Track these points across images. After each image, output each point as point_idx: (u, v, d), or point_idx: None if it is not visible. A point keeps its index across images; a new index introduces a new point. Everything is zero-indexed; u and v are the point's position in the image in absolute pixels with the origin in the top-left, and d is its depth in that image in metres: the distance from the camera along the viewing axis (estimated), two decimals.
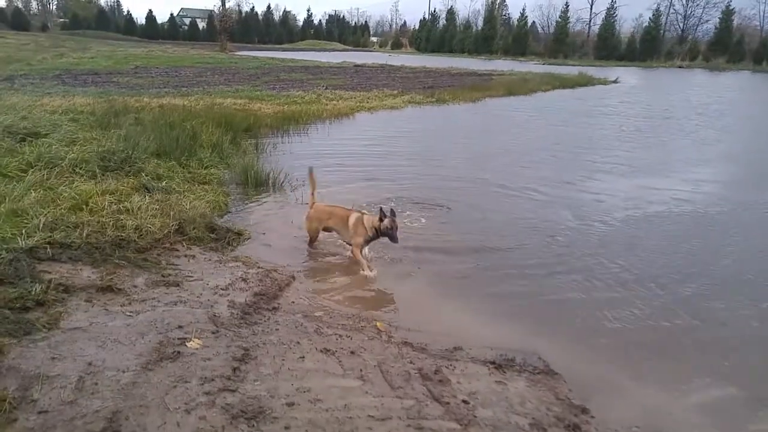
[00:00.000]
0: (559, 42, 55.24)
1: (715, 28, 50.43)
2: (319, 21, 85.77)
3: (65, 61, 20.53)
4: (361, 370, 2.35)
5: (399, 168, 6.81)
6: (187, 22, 72.71)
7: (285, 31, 77.62)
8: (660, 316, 3.15)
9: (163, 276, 3.10)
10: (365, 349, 2.55)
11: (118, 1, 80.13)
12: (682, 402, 2.42)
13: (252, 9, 77.07)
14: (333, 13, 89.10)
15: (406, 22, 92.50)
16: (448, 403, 2.17)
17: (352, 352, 2.50)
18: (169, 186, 4.72)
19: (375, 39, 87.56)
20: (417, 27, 75.54)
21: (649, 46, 51.01)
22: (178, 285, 3.02)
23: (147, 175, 4.83)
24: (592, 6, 62.81)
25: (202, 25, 69.70)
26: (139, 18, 71.17)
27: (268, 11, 78.00)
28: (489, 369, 2.49)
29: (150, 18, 69.17)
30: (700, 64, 46.52)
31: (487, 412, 2.13)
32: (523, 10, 59.27)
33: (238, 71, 20.33)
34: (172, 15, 72.46)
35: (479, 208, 5.19)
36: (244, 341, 2.48)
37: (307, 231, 3.93)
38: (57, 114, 7.17)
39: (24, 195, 3.84)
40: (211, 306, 2.81)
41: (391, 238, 3.46)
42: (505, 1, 68.75)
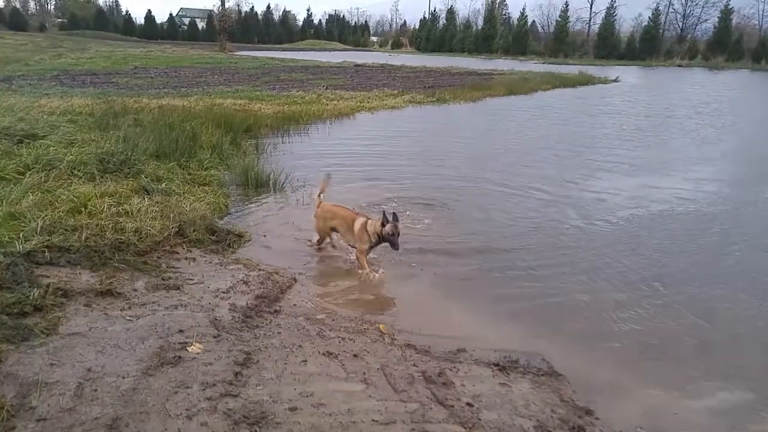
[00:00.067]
0: (559, 41, 55.23)
1: (714, 27, 50.51)
2: (319, 21, 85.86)
3: (63, 62, 20.51)
4: (364, 374, 2.33)
5: (400, 168, 6.79)
6: (186, 22, 72.65)
7: (285, 30, 77.58)
8: (665, 316, 3.14)
9: (164, 279, 3.07)
10: (368, 352, 2.53)
11: (116, 1, 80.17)
12: (687, 403, 2.41)
13: (251, 9, 77.08)
14: (333, 12, 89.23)
15: (406, 22, 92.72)
16: (452, 406, 2.16)
17: (355, 355, 2.48)
18: (169, 188, 4.69)
19: (375, 39, 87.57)
20: (417, 26, 75.58)
21: (648, 45, 51.05)
22: (179, 288, 2.99)
23: (146, 177, 4.80)
24: (591, 5, 62.92)
25: (201, 25, 69.65)
26: (138, 18, 71.21)
27: (268, 11, 77.99)
28: (493, 371, 2.48)
29: (149, 18, 69.06)
30: (699, 63, 46.57)
31: (491, 415, 2.12)
32: (523, 10, 59.32)
33: (237, 71, 20.30)
34: (171, 15, 72.42)
35: (482, 208, 5.17)
36: (246, 345, 2.45)
37: (316, 231, 3.90)
38: (55, 115, 7.13)
39: (21, 198, 3.80)
40: (212, 309, 2.79)
41: (391, 244, 3.38)
42: (505, 0, 68.80)
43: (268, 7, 78.58)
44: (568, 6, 55.87)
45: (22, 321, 2.40)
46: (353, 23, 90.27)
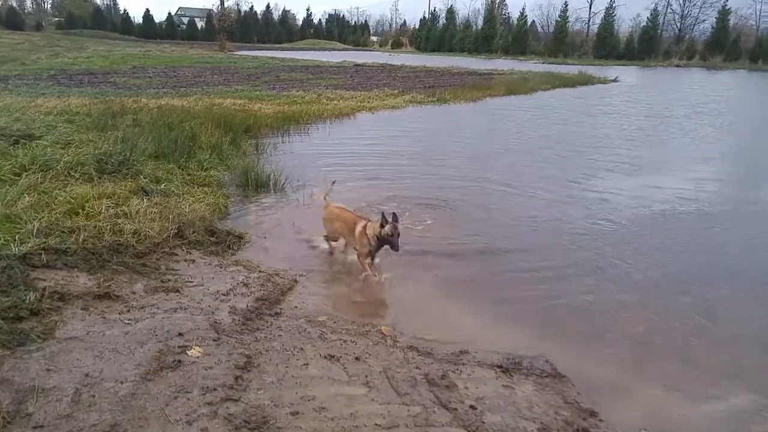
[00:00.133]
0: (558, 41, 55.32)
1: (712, 28, 50.70)
2: (319, 20, 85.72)
3: (60, 61, 20.41)
4: (366, 377, 2.31)
5: (401, 167, 6.77)
6: (185, 21, 72.49)
7: (284, 30, 77.43)
8: (668, 317, 3.13)
9: (163, 282, 3.04)
10: (370, 355, 2.50)
11: None
12: (691, 404, 2.39)
13: (251, 8, 76.88)
14: (333, 12, 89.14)
15: (406, 21, 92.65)
16: (455, 409, 2.14)
17: (357, 358, 2.45)
18: (168, 189, 4.65)
19: (375, 38, 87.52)
20: (417, 26, 75.58)
21: (647, 46, 51.19)
22: (178, 291, 2.96)
23: (145, 178, 4.76)
24: (591, 5, 63.01)
25: (200, 24, 69.48)
26: (136, 17, 70.69)
27: (268, 10, 77.82)
28: (496, 373, 2.46)
29: (147, 17, 68.82)
30: (697, 63, 46.69)
31: (495, 418, 2.11)
32: (522, 10, 59.36)
33: (237, 71, 20.25)
34: (169, 14, 72.21)
35: (484, 208, 5.16)
36: (247, 348, 2.42)
37: (327, 232, 3.88)
38: (52, 115, 7.07)
39: (17, 199, 3.75)
40: (212, 312, 2.76)
41: (391, 245, 3.28)
42: (504, 0, 68.84)
43: (268, 6, 78.48)
44: (567, 6, 56.02)
45: (18, 325, 2.37)
46: (353, 23, 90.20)
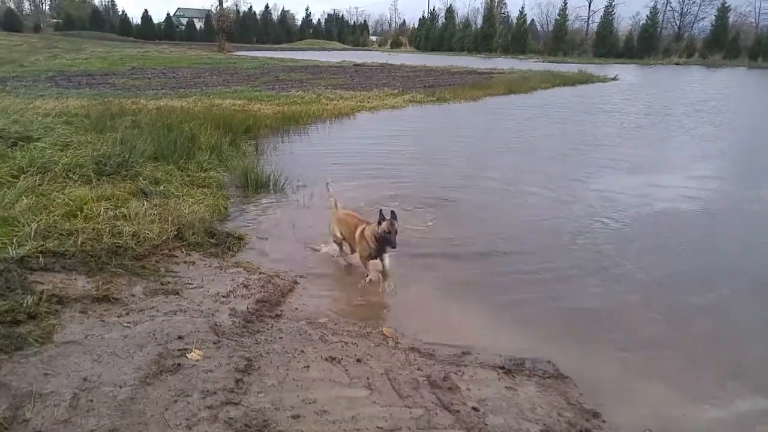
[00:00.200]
0: (558, 40, 55.29)
1: (711, 26, 50.69)
2: (318, 20, 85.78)
3: (59, 63, 20.41)
4: (368, 379, 2.29)
5: (401, 167, 6.75)
6: (183, 22, 72.48)
7: (283, 30, 77.42)
8: (673, 317, 3.10)
9: (162, 284, 3.02)
10: (372, 357, 2.48)
11: (112, 1, 79.91)
12: (695, 404, 2.37)
13: (250, 9, 76.88)
14: (332, 12, 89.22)
15: (405, 21, 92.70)
16: (458, 411, 2.12)
17: (359, 360, 2.43)
18: (167, 190, 4.63)
19: (374, 38, 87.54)
20: (416, 25, 75.53)
21: (646, 44, 51.17)
22: (178, 293, 2.94)
23: (144, 180, 4.73)
24: (590, 4, 62.97)
25: (199, 25, 69.46)
26: (135, 18, 70.69)
27: (267, 11, 77.82)
28: (498, 374, 2.44)
29: (146, 18, 68.82)
30: (696, 61, 46.67)
31: (497, 419, 2.09)
32: (522, 8, 59.35)
33: (236, 71, 20.23)
34: (168, 15, 72.34)
35: (486, 208, 5.13)
36: (247, 351, 2.40)
37: (334, 238, 3.83)
38: (50, 117, 7.05)
39: (15, 202, 3.73)
40: (212, 314, 2.74)
41: (387, 242, 3.20)
42: None
43: (267, 6, 78.51)
44: (566, 5, 55.99)
45: (16, 329, 2.34)
46: (352, 23, 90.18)
